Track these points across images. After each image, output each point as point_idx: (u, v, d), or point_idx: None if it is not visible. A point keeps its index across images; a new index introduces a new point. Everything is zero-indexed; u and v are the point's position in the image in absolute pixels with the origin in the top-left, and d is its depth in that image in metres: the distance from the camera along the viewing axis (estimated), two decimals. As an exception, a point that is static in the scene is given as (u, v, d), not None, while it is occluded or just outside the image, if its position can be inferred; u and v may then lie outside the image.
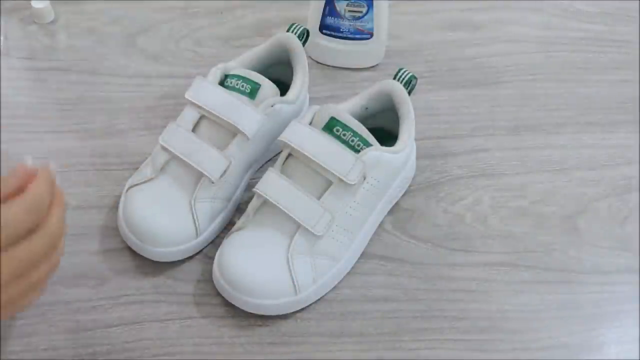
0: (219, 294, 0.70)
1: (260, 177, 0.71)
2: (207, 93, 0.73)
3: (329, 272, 0.70)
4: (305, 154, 0.69)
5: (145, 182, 0.73)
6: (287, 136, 0.71)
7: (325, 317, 0.70)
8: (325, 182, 0.70)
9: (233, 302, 0.68)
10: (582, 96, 0.90)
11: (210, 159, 0.71)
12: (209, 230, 0.73)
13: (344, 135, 0.70)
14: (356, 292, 0.72)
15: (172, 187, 0.72)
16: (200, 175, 0.71)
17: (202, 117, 0.73)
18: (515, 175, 0.82)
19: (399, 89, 0.75)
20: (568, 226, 0.78)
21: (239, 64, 0.78)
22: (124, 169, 0.78)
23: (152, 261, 0.71)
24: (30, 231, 0.52)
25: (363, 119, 0.73)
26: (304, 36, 0.80)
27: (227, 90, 0.74)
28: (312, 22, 0.90)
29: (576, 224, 0.78)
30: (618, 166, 0.83)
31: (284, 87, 0.78)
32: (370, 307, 0.71)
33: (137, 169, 0.75)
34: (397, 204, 0.78)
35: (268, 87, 0.75)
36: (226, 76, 0.76)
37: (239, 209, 0.76)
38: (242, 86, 0.74)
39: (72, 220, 0.74)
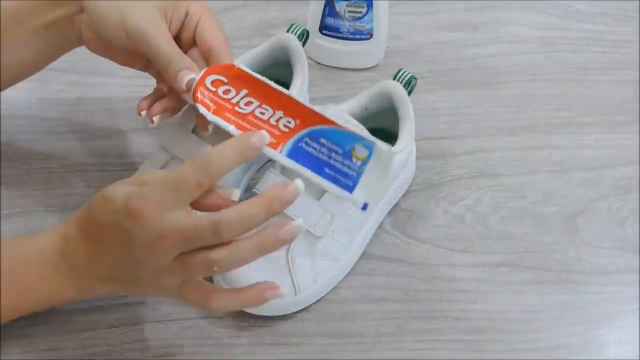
0: (219, 295, 0.69)
1: (260, 177, 0.71)
2: (207, 93, 0.73)
3: (329, 273, 0.70)
4: (305, 154, 0.69)
5: (145, 182, 0.72)
6: (287, 136, 0.71)
7: (325, 317, 0.70)
8: (325, 182, 0.69)
9: (233, 303, 0.68)
10: (582, 96, 0.90)
11: (210, 160, 0.71)
12: (209, 231, 0.73)
13: (344, 135, 0.70)
14: (356, 292, 0.72)
15: (172, 188, 0.71)
16: (200, 176, 0.71)
17: (202, 118, 0.73)
18: (515, 175, 0.82)
19: (399, 89, 0.75)
20: (568, 226, 0.78)
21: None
22: (124, 169, 0.78)
23: (152, 262, 0.71)
24: None
25: (363, 119, 0.73)
26: (304, 36, 0.80)
27: (227, 91, 0.73)
28: (312, 23, 0.90)
29: (576, 224, 0.78)
30: (618, 166, 0.83)
31: (284, 87, 0.77)
32: (371, 307, 0.71)
33: (137, 169, 0.75)
34: (396, 204, 0.78)
35: (268, 87, 0.75)
36: (226, 76, 0.75)
37: (239, 209, 0.76)
38: (242, 86, 0.74)
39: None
